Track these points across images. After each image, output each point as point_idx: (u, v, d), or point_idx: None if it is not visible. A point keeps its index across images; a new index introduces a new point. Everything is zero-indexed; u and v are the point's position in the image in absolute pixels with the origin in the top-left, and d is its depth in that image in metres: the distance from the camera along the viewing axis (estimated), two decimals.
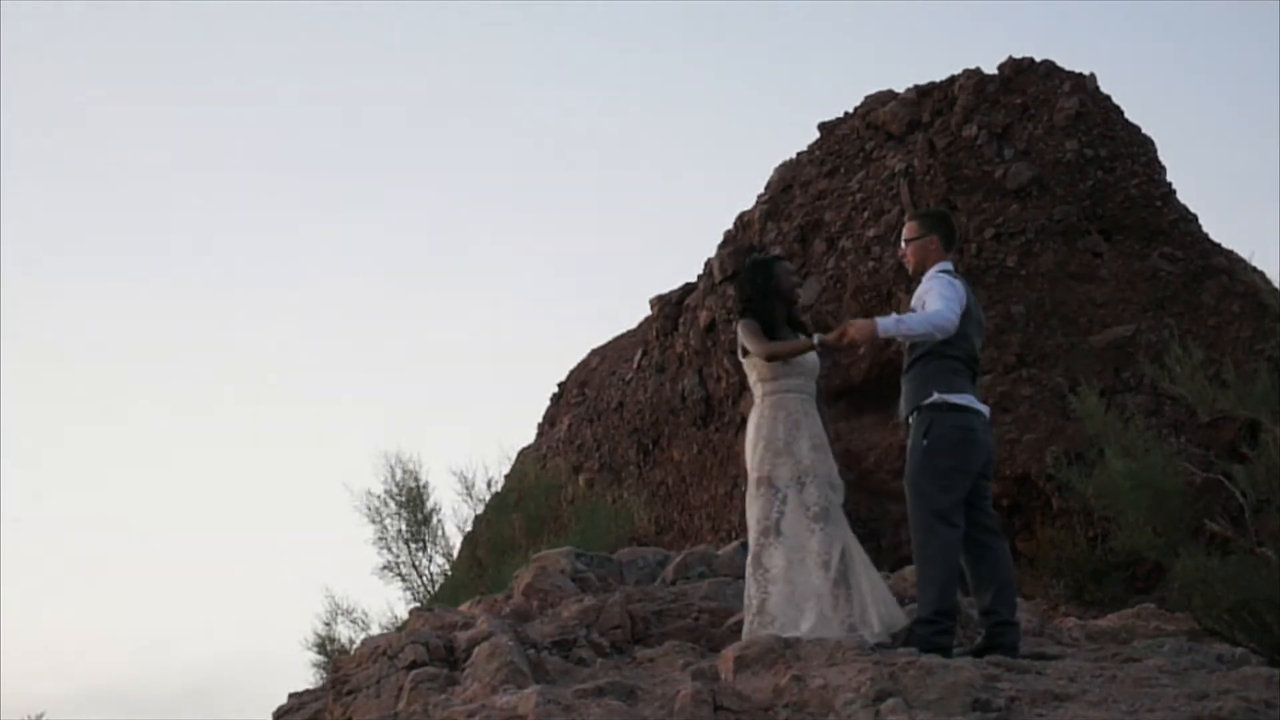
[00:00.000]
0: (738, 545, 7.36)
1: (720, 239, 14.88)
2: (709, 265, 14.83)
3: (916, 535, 5.84)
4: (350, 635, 11.82)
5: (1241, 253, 12.13)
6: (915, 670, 4.76)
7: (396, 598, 12.38)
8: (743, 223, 14.69)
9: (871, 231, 12.93)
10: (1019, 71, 13.15)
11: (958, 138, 12.81)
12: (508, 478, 13.81)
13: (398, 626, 10.21)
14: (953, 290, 5.90)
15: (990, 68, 13.30)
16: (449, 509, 13.60)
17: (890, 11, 45.41)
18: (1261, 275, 11.34)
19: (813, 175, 14.11)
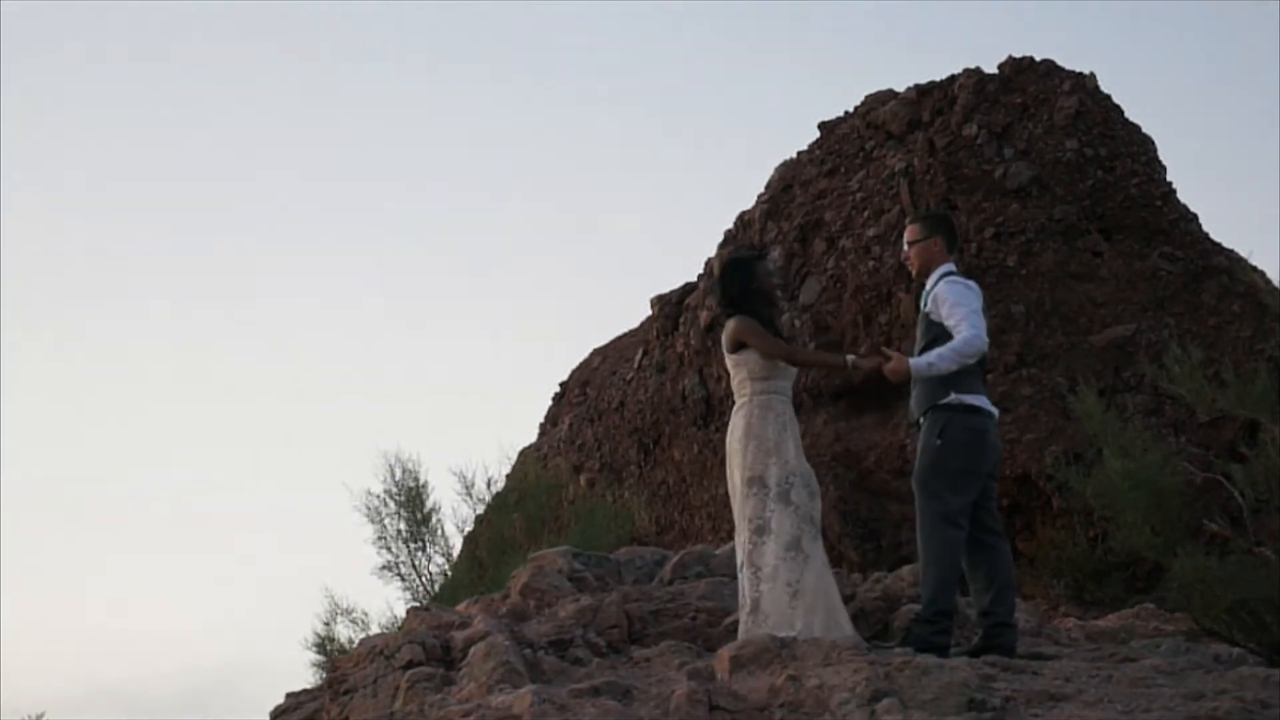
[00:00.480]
0: (732, 545, 7.35)
1: (720, 239, 14.89)
2: (709, 265, 14.84)
3: (922, 534, 5.84)
4: (350, 635, 11.81)
5: (1241, 252, 12.14)
6: (911, 670, 4.75)
7: (396, 598, 12.37)
8: (743, 222, 14.69)
9: (871, 231, 12.92)
10: (1019, 71, 13.14)
11: (958, 137, 12.80)
12: (509, 477, 13.81)
13: (397, 626, 10.21)
14: (971, 297, 5.92)
15: (990, 67, 13.31)
16: (448, 509, 13.59)
17: (890, 11, 45.42)
18: (1261, 275, 11.33)
19: (813, 175, 14.11)
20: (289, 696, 7.09)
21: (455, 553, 12.22)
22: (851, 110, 14.42)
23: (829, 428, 12.81)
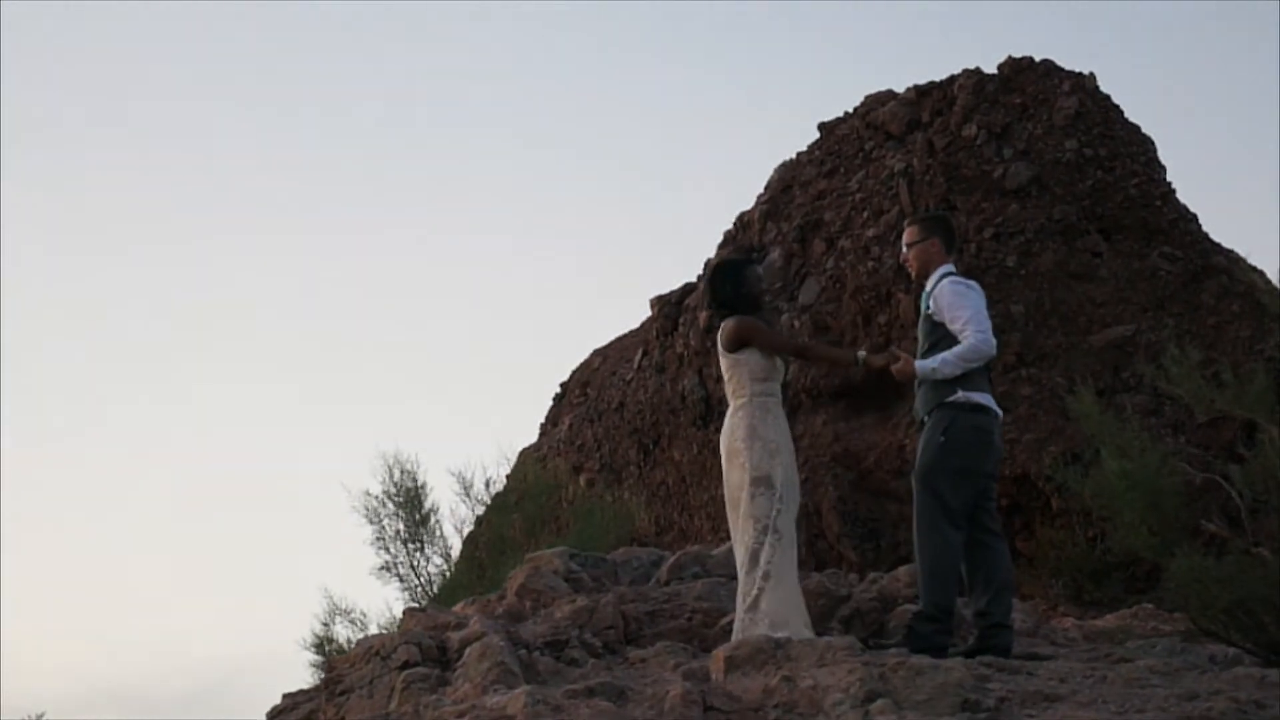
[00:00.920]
0: (730, 546, 7.35)
1: (720, 239, 14.89)
2: (708, 265, 14.82)
3: (921, 532, 5.84)
4: (349, 635, 11.82)
5: (1241, 252, 12.13)
6: (905, 671, 4.76)
7: (395, 598, 12.39)
8: (743, 223, 14.69)
9: (871, 231, 12.91)
10: (1018, 71, 13.13)
11: (957, 137, 12.79)
12: (509, 478, 13.81)
13: (396, 627, 10.21)
14: (974, 298, 5.94)
15: (990, 67, 13.29)
16: (447, 509, 13.59)
17: (890, 11, 45.40)
18: (1260, 274, 11.31)
19: (812, 175, 14.10)
20: (285, 697, 7.10)
21: (454, 553, 12.24)
22: (851, 111, 14.41)
23: (828, 428, 12.80)
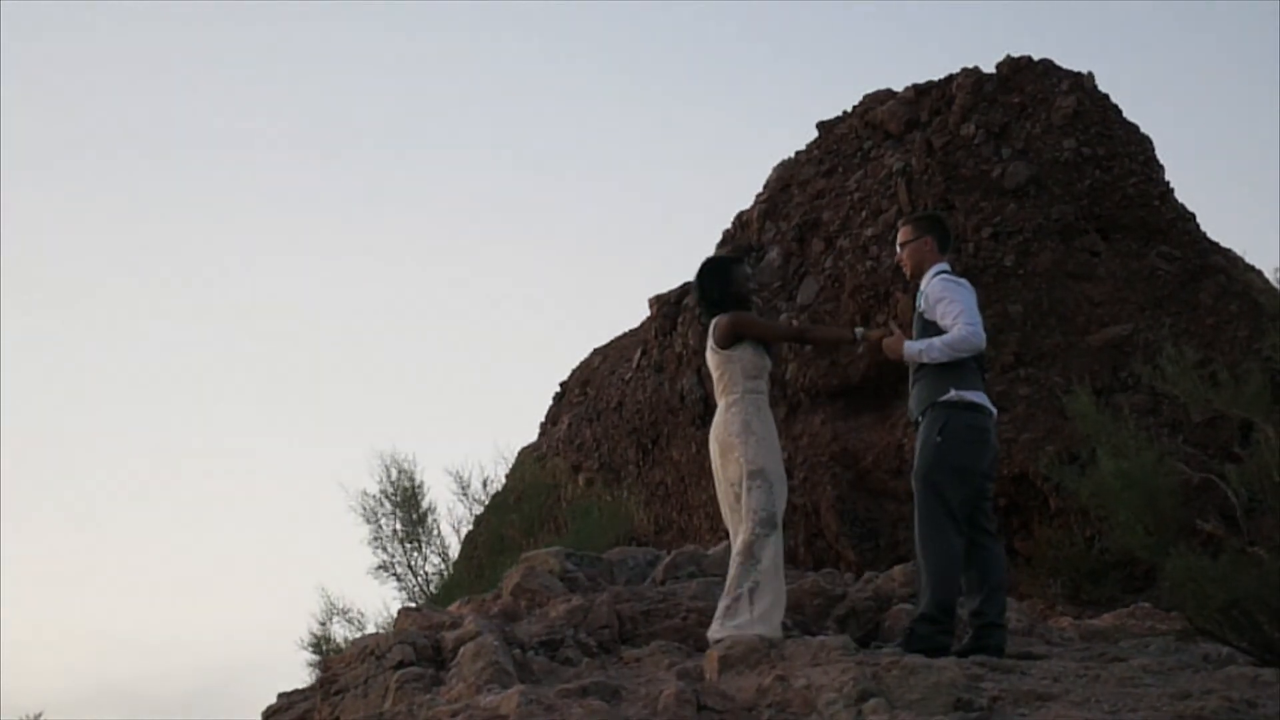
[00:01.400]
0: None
1: (719, 239, 14.88)
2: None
3: (922, 531, 5.84)
4: (346, 635, 11.82)
5: (1239, 252, 12.12)
6: (898, 670, 4.76)
7: (392, 598, 12.40)
8: (741, 222, 14.68)
9: (869, 231, 12.90)
10: (1017, 70, 13.11)
11: (955, 137, 12.78)
12: (508, 477, 13.82)
13: (393, 626, 10.20)
14: (964, 293, 5.98)
15: (988, 67, 13.28)
16: (444, 509, 13.60)
17: (889, 11, 45.40)
18: (1258, 274, 11.30)
19: (811, 174, 14.09)
20: (281, 696, 7.09)
21: (452, 553, 12.24)
22: (849, 110, 14.40)
23: (826, 427, 12.79)
